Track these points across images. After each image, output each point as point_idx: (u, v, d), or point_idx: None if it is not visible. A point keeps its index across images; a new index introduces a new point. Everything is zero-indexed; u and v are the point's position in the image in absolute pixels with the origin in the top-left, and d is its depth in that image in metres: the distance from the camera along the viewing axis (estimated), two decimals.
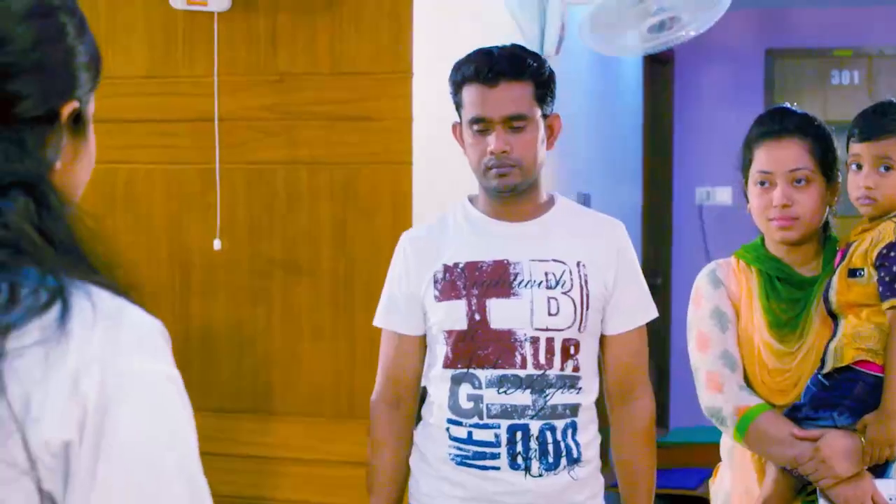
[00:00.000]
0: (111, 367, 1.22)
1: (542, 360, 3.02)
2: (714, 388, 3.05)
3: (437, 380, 3.11)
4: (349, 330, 4.03)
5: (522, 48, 3.13)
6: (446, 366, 3.07)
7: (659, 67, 8.32)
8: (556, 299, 3.04)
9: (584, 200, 6.11)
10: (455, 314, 3.05)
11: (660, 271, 8.32)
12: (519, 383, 3.01)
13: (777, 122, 3.07)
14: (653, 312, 3.22)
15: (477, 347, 3.03)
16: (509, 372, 3.01)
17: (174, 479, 1.24)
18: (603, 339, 3.16)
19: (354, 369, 4.01)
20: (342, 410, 4.02)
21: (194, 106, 4.12)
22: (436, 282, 3.09)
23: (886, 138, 2.95)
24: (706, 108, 8.48)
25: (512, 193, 3.07)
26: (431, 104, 4.02)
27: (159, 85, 4.18)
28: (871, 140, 2.96)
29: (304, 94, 4.05)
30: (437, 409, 3.11)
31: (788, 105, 3.18)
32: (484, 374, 3.02)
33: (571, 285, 3.05)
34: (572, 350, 3.05)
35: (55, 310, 1.21)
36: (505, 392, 3.01)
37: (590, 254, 3.09)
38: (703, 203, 8.43)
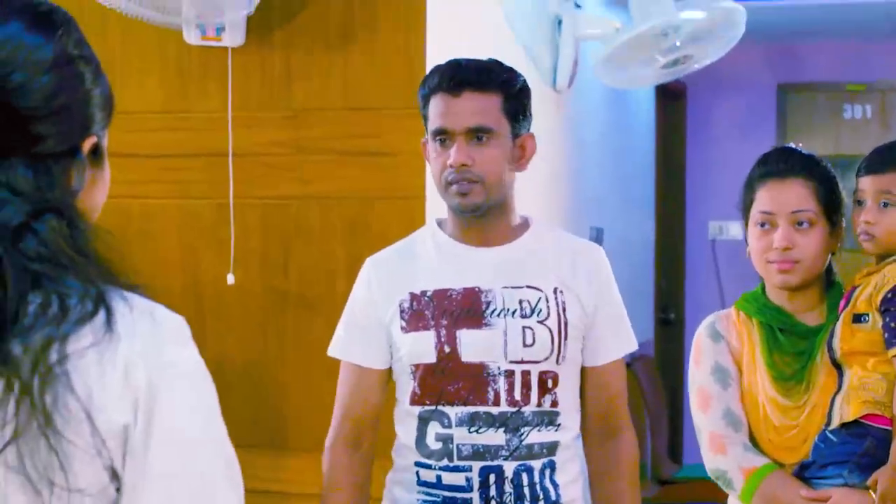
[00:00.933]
0: (154, 359, 1.46)
1: (517, 395, 2.78)
2: (718, 450, 2.91)
3: (403, 417, 2.88)
4: None
5: (497, 62, 2.93)
6: (413, 402, 2.84)
7: (671, 102, 8.33)
8: (531, 329, 2.79)
9: (597, 234, 6.11)
10: (423, 346, 2.80)
11: (672, 306, 8.31)
12: (492, 421, 2.76)
13: (781, 162, 2.95)
14: (634, 344, 3.00)
15: (447, 382, 2.79)
16: (481, 409, 2.77)
17: (212, 448, 1.51)
18: (583, 372, 2.92)
19: None
20: None
21: (208, 141, 4.14)
22: (402, 311, 2.84)
23: (889, 172, 2.90)
24: (719, 143, 8.49)
25: (476, 214, 2.84)
26: None
27: (173, 120, 4.19)
28: (875, 174, 2.91)
29: (317, 130, 4.06)
30: (405, 449, 2.89)
31: (794, 145, 3.07)
32: (454, 412, 2.78)
33: (548, 313, 2.81)
34: (550, 383, 2.81)
35: (101, 315, 1.44)
36: (476, 431, 2.77)
37: (567, 279, 2.86)
38: (716, 237, 8.43)
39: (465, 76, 2.84)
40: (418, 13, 3.96)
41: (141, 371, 1.44)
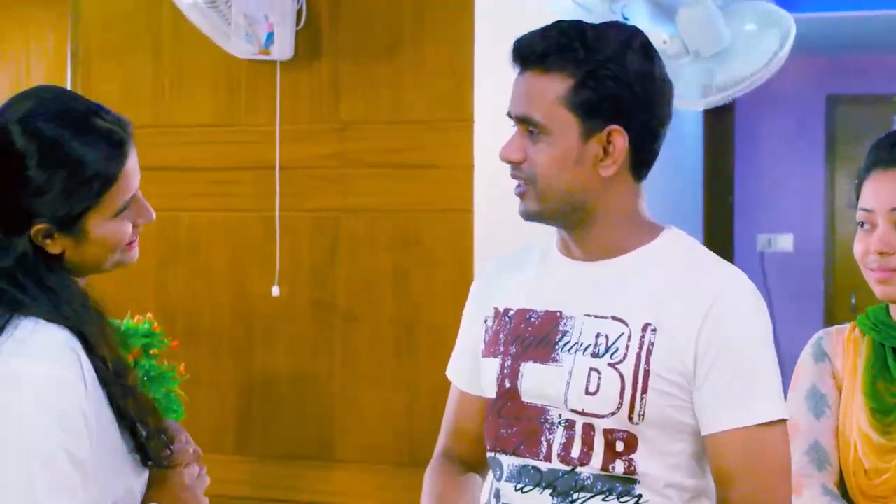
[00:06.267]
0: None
1: (573, 452, 2.13)
2: (796, 492, 2.26)
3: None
4: (411, 377, 4.03)
5: (607, 27, 2.19)
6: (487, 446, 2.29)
7: (719, 115, 8.30)
8: (598, 372, 2.11)
9: None
10: (488, 376, 2.25)
11: None
12: (538, 480, 2.15)
13: (887, 147, 2.36)
14: (772, 410, 2.10)
15: (502, 425, 2.21)
16: (530, 463, 2.16)
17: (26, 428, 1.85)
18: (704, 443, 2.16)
19: (415, 417, 4.00)
20: (403, 458, 4.02)
21: (256, 154, 4.16)
22: (486, 331, 2.29)
23: None
24: (767, 155, 8.45)
25: (538, 221, 2.22)
26: (493, 152, 4.02)
27: (222, 133, 4.22)
28: None
29: (365, 143, 4.08)
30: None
31: None
32: (506, 462, 2.20)
33: (625, 355, 2.11)
34: (620, 446, 2.11)
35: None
36: (521, 490, 2.17)
37: (668, 314, 2.12)
38: (765, 250, 8.38)
39: (527, 47, 2.15)
40: (466, 26, 3.96)
41: None
